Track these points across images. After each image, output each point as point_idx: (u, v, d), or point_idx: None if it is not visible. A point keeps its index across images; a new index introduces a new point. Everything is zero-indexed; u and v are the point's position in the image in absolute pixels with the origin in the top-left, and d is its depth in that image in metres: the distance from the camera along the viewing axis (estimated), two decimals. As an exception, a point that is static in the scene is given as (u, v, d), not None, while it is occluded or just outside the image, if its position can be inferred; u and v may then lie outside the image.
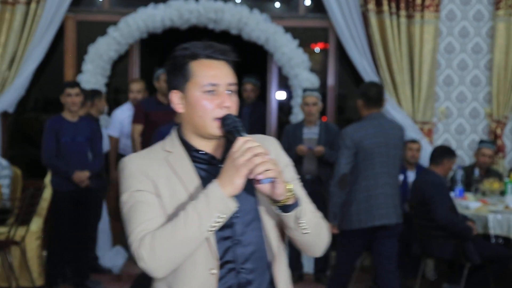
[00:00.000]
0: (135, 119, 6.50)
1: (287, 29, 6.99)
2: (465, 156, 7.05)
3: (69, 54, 7.07)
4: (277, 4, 7.90)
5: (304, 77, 6.86)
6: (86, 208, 5.91)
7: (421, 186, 5.50)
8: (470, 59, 7.02)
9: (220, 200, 1.82)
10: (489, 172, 6.52)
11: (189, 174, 1.96)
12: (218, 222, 1.84)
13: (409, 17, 6.80)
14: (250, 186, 1.92)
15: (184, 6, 6.80)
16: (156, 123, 6.52)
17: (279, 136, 6.73)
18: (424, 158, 6.47)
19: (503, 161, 6.98)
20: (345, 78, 7.40)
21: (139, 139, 6.50)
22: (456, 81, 7.03)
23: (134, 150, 6.54)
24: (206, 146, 2.00)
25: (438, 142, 6.89)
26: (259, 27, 6.84)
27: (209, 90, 1.93)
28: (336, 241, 4.11)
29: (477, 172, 6.39)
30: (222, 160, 1.95)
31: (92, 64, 6.82)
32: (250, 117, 7.36)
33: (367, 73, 6.79)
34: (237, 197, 1.90)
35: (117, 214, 7.04)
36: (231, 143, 1.88)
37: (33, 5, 6.62)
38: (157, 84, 6.59)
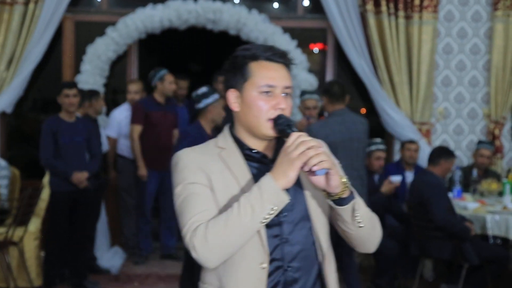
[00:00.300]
0: (135, 120, 6.49)
1: (286, 30, 7.00)
2: (463, 156, 7.05)
3: (67, 55, 7.07)
4: (276, 5, 7.90)
5: (302, 77, 6.86)
6: (84, 208, 5.91)
7: (419, 186, 5.50)
8: (468, 60, 7.03)
9: (273, 193, 1.87)
10: (487, 172, 6.53)
11: (242, 170, 2.01)
12: (271, 214, 1.88)
13: (408, 17, 6.81)
14: (299, 187, 2.01)
15: (182, 7, 6.80)
16: (155, 124, 6.52)
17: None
18: (423, 159, 6.48)
19: (501, 162, 6.99)
20: (344, 78, 7.39)
21: (138, 140, 6.50)
22: (454, 81, 7.03)
23: (134, 150, 6.54)
24: (258, 145, 2.06)
25: (436, 142, 6.90)
26: (258, 28, 6.84)
27: (266, 91, 1.99)
28: None
29: (475, 172, 6.40)
30: (274, 160, 1.98)
31: (91, 64, 6.81)
32: None
33: (365, 73, 6.79)
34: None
35: (115, 215, 7.06)
36: (282, 144, 1.94)
37: (31, 6, 6.62)
38: (159, 85, 6.56)
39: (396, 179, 5.90)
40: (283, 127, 1.95)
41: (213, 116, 5.18)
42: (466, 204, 5.76)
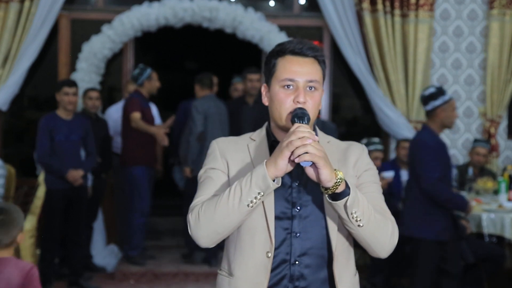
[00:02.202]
0: (134, 108, 6.38)
1: (282, 28, 7.00)
2: (459, 155, 7.07)
3: (63, 52, 7.05)
4: (272, 3, 7.90)
5: (298, 75, 6.84)
6: (79, 206, 5.90)
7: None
8: (464, 58, 7.04)
9: (261, 178, 1.91)
10: (483, 171, 6.54)
11: (262, 160, 2.03)
12: (258, 198, 1.93)
13: (404, 16, 6.82)
14: (316, 184, 1.99)
15: (178, 5, 6.79)
16: (147, 120, 6.51)
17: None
18: (418, 157, 6.48)
19: (496, 160, 7.01)
20: (340, 76, 7.40)
21: (142, 122, 6.37)
22: (450, 80, 7.04)
23: (142, 127, 6.38)
24: (284, 137, 2.06)
25: (432, 141, 6.90)
26: (254, 26, 6.84)
27: (286, 85, 2.03)
28: None
29: (471, 171, 6.41)
30: None
31: (87, 62, 6.80)
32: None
33: (361, 71, 6.80)
34: (304, 192, 2.04)
35: (111, 213, 7.04)
36: None
37: (27, 3, 6.60)
38: (147, 83, 6.50)
39: (388, 174, 5.91)
40: (293, 118, 1.98)
41: (442, 119, 4.68)
42: (462, 203, 5.76)
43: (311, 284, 2.04)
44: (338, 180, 1.91)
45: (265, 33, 6.84)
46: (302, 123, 1.95)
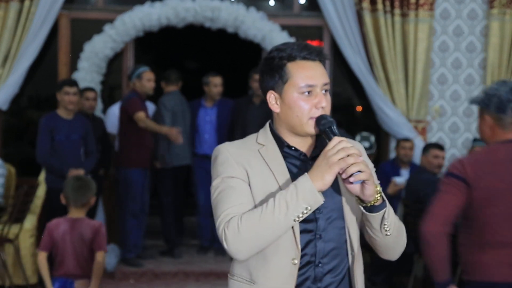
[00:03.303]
0: (137, 108, 6.35)
1: (282, 27, 6.99)
2: (458, 154, 7.07)
3: (63, 52, 7.05)
4: (272, 3, 7.90)
5: (298, 75, 6.85)
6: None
7: (415, 184, 5.50)
8: (464, 58, 7.04)
9: (309, 193, 1.89)
10: (482, 170, 6.54)
11: (281, 167, 2.04)
12: (304, 213, 1.91)
13: (404, 15, 6.81)
14: (336, 185, 2.03)
15: (180, 5, 6.79)
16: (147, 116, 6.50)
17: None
18: (418, 157, 6.49)
19: (496, 160, 7.00)
20: (340, 76, 7.40)
21: (149, 120, 6.40)
22: (450, 79, 7.04)
23: (150, 127, 6.39)
24: (298, 143, 2.08)
25: (432, 140, 6.91)
26: (256, 25, 6.84)
27: (307, 91, 2.02)
28: None
29: (470, 170, 6.40)
30: (312, 157, 2.05)
31: (88, 62, 6.80)
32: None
33: (361, 71, 6.80)
34: (323, 194, 1.98)
35: (112, 212, 7.03)
36: (322, 142, 2.02)
37: (27, 2, 6.60)
38: (138, 83, 6.47)
39: (400, 180, 5.92)
40: (325, 128, 1.98)
41: None
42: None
43: (331, 284, 2.06)
44: (379, 194, 1.95)
45: (267, 32, 6.84)
46: (336, 134, 1.95)
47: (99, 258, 4.03)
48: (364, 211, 1.98)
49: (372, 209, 1.96)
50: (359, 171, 1.88)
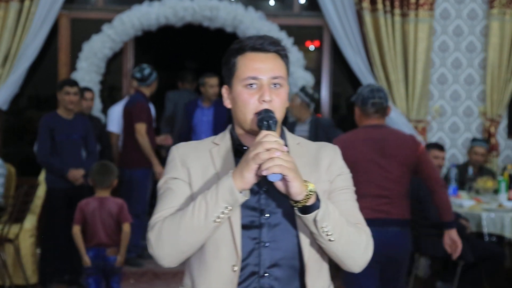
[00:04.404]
0: (142, 118, 6.35)
1: (282, 27, 7.00)
2: (459, 154, 7.07)
3: (63, 52, 7.06)
4: (272, 2, 7.90)
5: (298, 75, 6.87)
6: (80, 206, 5.90)
7: (414, 184, 5.49)
8: (464, 58, 7.04)
9: (228, 191, 1.77)
10: (482, 170, 6.54)
11: (227, 167, 1.90)
12: (225, 213, 1.79)
13: (404, 15, 6.82)
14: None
15: (179, 4, 6.80)
16: (150, 122, 6.51)
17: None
18: (418, 156, 6.48)
19: (496, 160, 7.01)
20: (340, 76, 7.41)
21: (147, 138, 6.39)
22: (450, 79, 7.04)
23: (146, 149, 6.38)
24: (250, 141, 1.91)
25: (432, 140, 6.91)
26: (254, 25, 6.84)
27: (250, 84, 1.88)
28: None
29: (471, 170, 6.41)
30: None
31: (87, 61, 6.80)
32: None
33: (361, 71, 6.80)
34: (272, 198, 1.88)
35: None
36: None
37: (26, 2, 6.60)
38: (154, 85, 6.56)
39: None
40: (260, 123, 1.83)
41: None
42: (462, 202, 5.77)
43: None
44: (309, 192, 1.77)
45: (266, 32, 6.83)
46: (270, 128, 1.80)
47: (126, 229, 4.81)
48: (297, 212, 1.80)
49: (305, 210, 1.78)
50: (272, 166, 1.71)
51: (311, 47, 7.85)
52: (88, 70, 6.80)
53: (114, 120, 6.80)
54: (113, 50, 6.93)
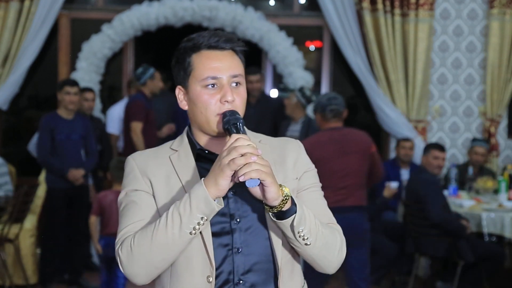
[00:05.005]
0: (138, 117, 6.33)
1: (282, 27, 6.99)
2: (459, 154, 7.07)
3: (63, 52, 7.06)
4: (272, 2, 7.90)
5: (298, 75, 6.86)
6: (80, 205, 5.90)
7: (414, 184, 5.51)
8: (464, 58, 7.04)
9: (202, 201, 1.68)
10: (482, 170, 6.54)
11: (190, 174, 1.83)
12: (201, 224, 1.70)
13: (404, 15, 6.81)
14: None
15: (178, 4, 6.80)
16: (151, 121, 6.49)
17: (276, 133, 6.72)
18: (418, 157, 6.49)
19: (496, 160, 7.01)
20: (340, 76, 7.40)
21: (142, 138, 6.37)
22: (450, 79, 7.04)
23: (139, 148, 6.39)
24: (213, 145, 1.86)
25: (432, 140, 6.91)
26: (254, 25, 6.84)
27: (210, 84, 1.80)
28: None
29: (471, 170, 6.41)
30: None
31: (86, 61, 6.80)
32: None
33: (361, 71, 6.80)
34: (241, 201, 1.81)
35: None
36: None
37: (27, 2, 6.60)
38: (150, 83, 6.48)
39: (394, 185, 5.93)
40: (228, 126, 1.75)
41: None
42: (462, 202, 5.77)
43: None
44: (285, 197, 1.70)
45: (265, 32, 6.84)
46: (239, 131, 1.73)
47: None
48: (272, 218, 1.73)
49: (280, 215, 1.71)
50: (249, 171, 1.63)
51: (311, 47, 7.84)
52: (88, 70, 6.80)
53: (113, 121, 6.79)
54: (113, 50, 6.93)
